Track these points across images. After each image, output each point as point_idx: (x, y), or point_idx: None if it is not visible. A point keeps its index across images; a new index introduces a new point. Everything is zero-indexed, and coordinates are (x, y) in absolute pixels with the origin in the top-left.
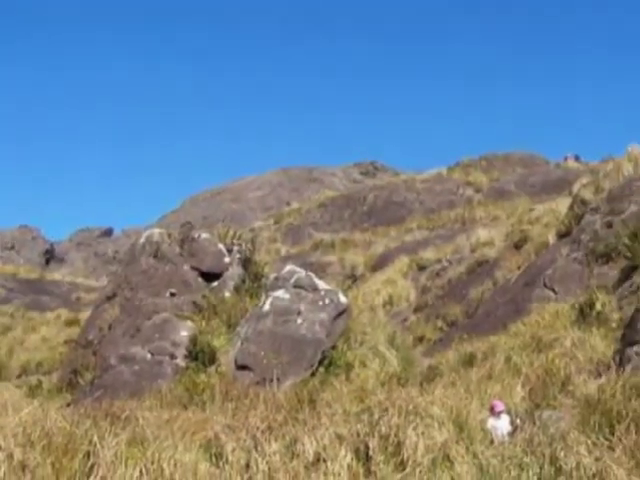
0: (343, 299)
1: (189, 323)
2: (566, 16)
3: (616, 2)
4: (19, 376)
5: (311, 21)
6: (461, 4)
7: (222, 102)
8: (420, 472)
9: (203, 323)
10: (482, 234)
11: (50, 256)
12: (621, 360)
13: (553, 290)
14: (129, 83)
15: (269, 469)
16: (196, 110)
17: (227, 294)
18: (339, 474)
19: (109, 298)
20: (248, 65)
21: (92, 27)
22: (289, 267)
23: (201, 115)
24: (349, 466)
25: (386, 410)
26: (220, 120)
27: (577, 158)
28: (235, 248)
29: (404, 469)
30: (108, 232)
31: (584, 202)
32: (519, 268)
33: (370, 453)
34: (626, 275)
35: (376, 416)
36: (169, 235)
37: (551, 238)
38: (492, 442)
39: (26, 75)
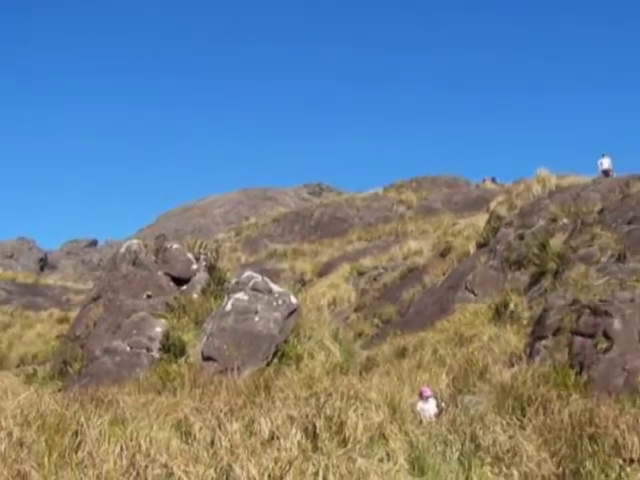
0: (294, 300)
1: (163, 321)
2: (480, 53)
3: (523, 39)
4: (17, 366)
5: (265, 59)
6: (398, 42)
7: (190, 132)
8: (360, 448)
9: (174, 321)
10: (413, 245)
11: (44, 263)
12: (531, 352)
13: (473, 292)
14: (111, 117)
15: (231, 445)
16: (168, 139)
17: (195, 296)
18: (290, 449)
19: (94, 299)
20: (212, 100)
21: (81, 58)
22: (248, 273)
23: (173, 143)
24: (299, 443)
25: (330, 395)
26: (189, 148)
27: (494, 180)
28: (202, 257)
29: (346, 445)
30: (94, 243)
31: (499, 217)
32: (444, 274)
33: (317, 432)
34: (535, 280)
35: (322, 400)
36: (145, 245)
37: (471, 248)
38: (421, 422)
39: (24, 107)
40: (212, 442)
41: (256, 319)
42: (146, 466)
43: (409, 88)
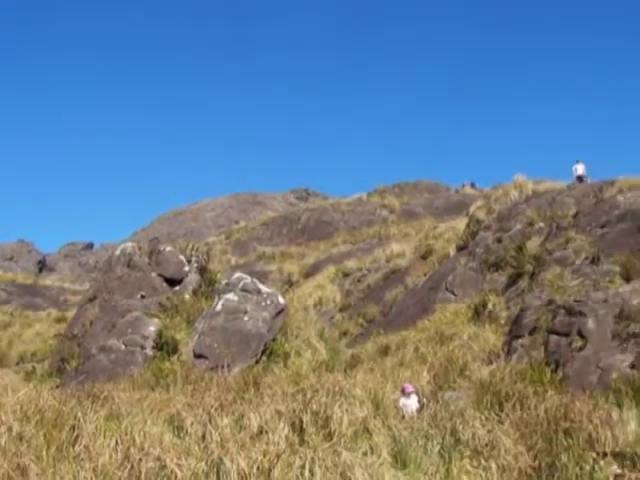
0: (281, 300)
1: (156, 320)
2: (460, 62)
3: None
4: (17, 363)
5: (256, 68)
6: (379, 51)
7: (183, 138)
8: (345, 442)
9: (167, 320)
10: (395, 247)
11: (42, 265)
12: (508, 350)
13: (453, 293)
14: (108, 124)
15: (221, 439)
16: (162, 145)
17: (187, 296)
18: (278, 443)
19: (91, 300)
20: (204, 108)
21: (79, 65)
22: (237, 274)
23: (166, 149)
24: (286, 437)
25: (317, 391)
26: (182, 154)
27: (473, 185)
28: (193, 259)
29: (332, 439)
30: (90, 246)
31: (478, 221)
32: (425, 275)
33: (304, 426)
34: (512, 281)
35: (308, 396)
36: (139, 248)
37: (451, 251)
38: (403, 417)
39: (23, 113)
40: (203, 436)
41: (245, 318)
42: (140, 459)
43: (391, 97)
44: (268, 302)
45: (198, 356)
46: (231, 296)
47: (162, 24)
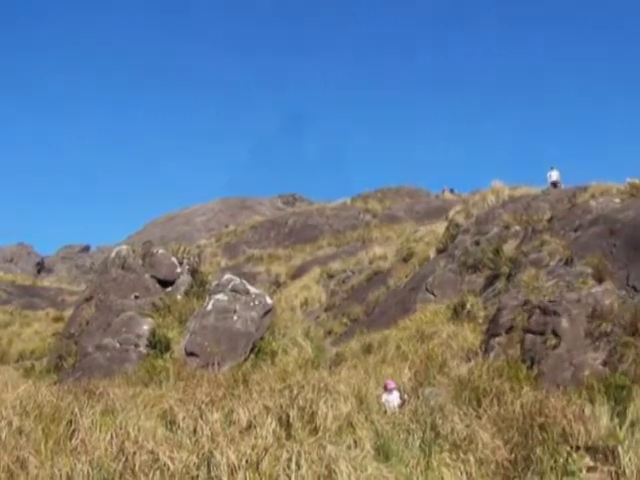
0: (269, 301)
1: (149, 319)
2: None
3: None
4: (17, 361)
5: (245, 74)
6: (370, 55)
7: (176, 144)
8: (329, 436)
9: (160, 319)
10: (378, 250)
11: (41, 267)
12: (486, 348)
13: (433, 294)
14: (103, 132)
15: (211, 433)
16: (155, 151)
17: (179, 297)
18: (266, 437)
19: (87, 300)
20: (196, 116)
21: (74, 74)
22: (227, 276)
23: (159, 156)
24: (274, 431)
25: (303, 387)
26: (174, 160)
27: (452, 190)
28: (185, 261)
29: (317, 433)
30: (86, 248)
31: (457, 225)
32: (406, 277)
33: (290, 421)
34: (490, 282)
35: (295, 392)
36: (134, 251)
37: (431, 253)
38: (385, 412)
39: (22, 122)
40: (194, 430)
41: (235, 318)
42: (134, 452)
43: (379, 103)
44: (256, 302)
45: (190, 354)
46: (221, 296)
47: (153, 24)
